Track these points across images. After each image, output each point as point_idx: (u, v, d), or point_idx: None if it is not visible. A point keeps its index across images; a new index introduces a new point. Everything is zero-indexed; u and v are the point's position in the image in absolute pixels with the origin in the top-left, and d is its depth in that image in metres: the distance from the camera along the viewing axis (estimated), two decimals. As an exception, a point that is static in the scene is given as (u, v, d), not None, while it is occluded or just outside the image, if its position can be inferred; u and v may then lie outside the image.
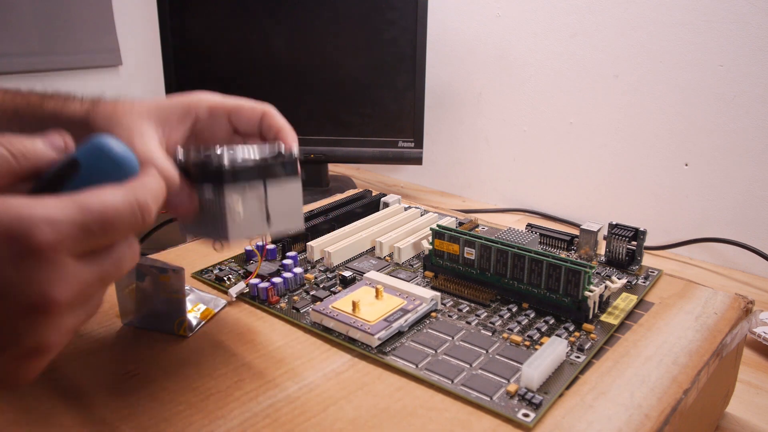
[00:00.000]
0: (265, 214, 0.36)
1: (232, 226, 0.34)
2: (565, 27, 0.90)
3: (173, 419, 0.32)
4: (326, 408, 0.34)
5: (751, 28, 0.73)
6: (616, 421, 0.32)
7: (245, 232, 0.35)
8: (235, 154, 0.34)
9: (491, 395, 0.34)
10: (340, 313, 0.41)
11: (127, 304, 0.41)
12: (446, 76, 1.07)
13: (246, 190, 0.35)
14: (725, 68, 0.76)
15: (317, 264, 0.51)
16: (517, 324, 0.42)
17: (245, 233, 0.35)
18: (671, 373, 0.37)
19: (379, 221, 0.58)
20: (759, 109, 0.75)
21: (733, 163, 0.78)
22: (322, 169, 1.04)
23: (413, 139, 0.97)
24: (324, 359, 0.38)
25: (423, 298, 0.43)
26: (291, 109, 0.98)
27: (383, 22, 0.94)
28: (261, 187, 0.35)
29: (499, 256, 0.46)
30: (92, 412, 0.33)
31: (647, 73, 0.83)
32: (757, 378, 0.54)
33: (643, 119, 0.85)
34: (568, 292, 0.42)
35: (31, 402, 0.34)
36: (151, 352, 0.39)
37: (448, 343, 0.39)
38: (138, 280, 0.40)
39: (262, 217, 0.36)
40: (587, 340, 0.40)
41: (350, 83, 0.97)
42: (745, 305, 0.45)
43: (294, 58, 0.97)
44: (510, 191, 1.04)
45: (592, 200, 0.94)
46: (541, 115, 0.97)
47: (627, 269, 0.51)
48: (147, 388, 0.35)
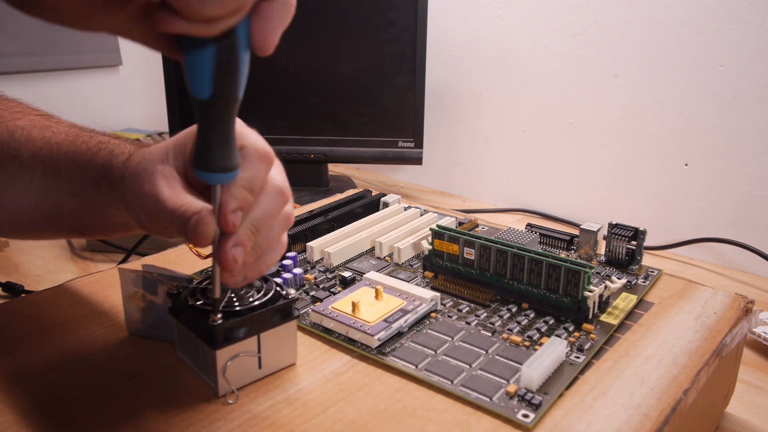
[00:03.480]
0: (257, 363, 0.35)
1: (222, 383, 0.34)
2: (565, 27, 0.90)
3: (173, 420, 0.32)
4: (326, 409, 0.34)
5: (751, 28, 0.73)
6: (615, 421, 0.32)
7: (235, 384, 0.34)
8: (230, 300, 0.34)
9: (491, 396, 0.34)
10: (339, 313, 0.41)
11: (133, 314, 0.41)
12: (446, 76, 1.07)
13: (239, 348, 0.34)
14: (725, 68, 0.76)
15: (317, 264, 0.51)
16: (516, 324, 0.42)
17: (235, 384, 0.34)
18: (671, 373, 0.37)
19: (379, 221, 0.58)
20: (759, 109, 0.74)
21: (733, 163, 0.78)
22: (322, 169, 1.04)
23: (413, 139, 0.97)
24: (324, 360, 0.38)
25: (423, 299, 0.43)
26: (291, 109, 0.99)
27: (383, 22, 0.94)
28: (255, 341, 0.35)
29: (499, 257, 0.46)
30: (92, 413, 0.33)
31: (647, 73, 0.83)
32: (757, 378, 0.54)
33: (643, 119, 0.85)
34: (567, 292, 0.42)
35: (31, 403, 0.34)
36: (152, 354, 0.39)
37: (448, 344, 0.39)
38: (144, 288, 0.39)
39: (254, 365, 0.35)
40: (587, 340, 0.40)
41: (350, 83, 0.97)
42: (745, 305, 0.45)
43: (294, 57, 0.97)
44: (510, 191, 1.04)
45: (592, 200, 0.94)
46: (541, 115, 0.97)
47: (627, 269, 0.51)
48: (147, 389, 0.35)
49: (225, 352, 0.33)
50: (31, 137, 0.42)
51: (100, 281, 0.48)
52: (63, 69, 1.17)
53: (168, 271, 0.39)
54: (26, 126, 0.43)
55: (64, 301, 0.45)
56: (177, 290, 0.36)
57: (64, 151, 0.41)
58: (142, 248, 0.72)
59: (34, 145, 0.41)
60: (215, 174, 0.30)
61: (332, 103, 0.98)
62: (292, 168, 1.02)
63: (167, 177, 0.34)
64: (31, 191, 0.42)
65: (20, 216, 0.43)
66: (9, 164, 0.42)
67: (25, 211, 0.43)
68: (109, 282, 0.48)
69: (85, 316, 0.43)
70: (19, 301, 0.47)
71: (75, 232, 0.45)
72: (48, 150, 0.41)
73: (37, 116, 0.45)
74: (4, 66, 1.08)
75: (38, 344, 0.39)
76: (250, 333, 0.34)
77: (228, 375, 0.34)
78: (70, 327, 0.41)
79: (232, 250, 0.31)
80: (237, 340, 0.34)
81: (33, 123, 0.43)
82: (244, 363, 0.35)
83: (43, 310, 0.44)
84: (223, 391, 0.34)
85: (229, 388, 0.34)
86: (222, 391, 0.34)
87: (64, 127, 0.43)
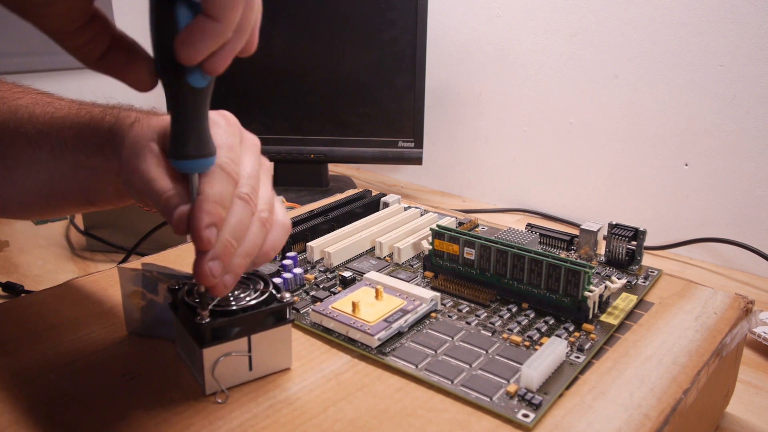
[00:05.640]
0: (247, 365, 0.35)
1: (209, 381, 0.34)
2: (565, 27, 0.90)
3: (173, 420, 0.32)
4: (326, 409, 0.34)
5: (751, 28, 0.73)
6: (615, 421, 0.32)
7: (224, 384, 0.34)
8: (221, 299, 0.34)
9: (491, 396, 0.34)
10: (339, 313, 0.41)
11: (133, 313, 0.40)
12: (446, 76, 1.07)
13: (228, 348, 0.34)
14: (725, 68, 0.76)
15: (317, 264, 0.51)
16: (516, 324, 0.42)
17: (224, 384, 0.34)
18: (671, 373, 0.37)
19: (379, 221, 0.58)
20: (759, 109, 0.75)
21: (733, 163, 0.78)
22: (322, 169, 1.04)
23: (413, 139, 0.97)
24: (324, 360, 0.38)
25: (423, 299, 0.43)
26: (291, 109, 0.99)
27: (383, 22, 0.94)
28: (245, 341, 0.35)
29: (499, 257, 0.46)
30: (92, 413, 0.33)
31: (647, 73, 0.83)
32: (757, 378, 0.54)
33: (643, 119, 0.85)
34: (567, 292, 0.42)
35: (31, 403, 0.34)
36: (152, 353, 0.39)
37: (448, 344, 0.39)
38: (144, 287, 0.39)
39: (245, 367, 0.35)
40: (587, 340, 0.40)
41: (350, 83, 0.97)
42: (745, 305, 0.45)
43: (294, 57, 0.97)
44: (510, 191, 1.04)
45: (592, 200, 0.94)
46: (541, 115, 0.97)
47: (627, 269, 0.51)
48: (147, 389, 0.35)
49: (212, 351, 0.33)
50: (35, 114, 0.42)
51: (100, 281, 0.48)
52: (63, 69, 1.17)
53: (168, 269, 0.39)
54: (29, 104, 0.43)
55: (64, 301, 0.45)
56: (178, 286, 0.36)
57: (68, 124, 0.41)
58: (142, 248, 0.72)
59: (38, 121, 0.41)
60: (198, 160, 0.31)
61: (332, 103, 0.98)
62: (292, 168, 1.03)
63: (157, 156, 0.34)
64: (40, 168, 0.41)
65: (30, 195, 0.43)
66: (15, 143, 0.42)
67: (34, 189, 0.43)
68: (109, 282, 0.48)
69: (85, 316, 0.43)
70: (19, 301, 0.47)
71: (85, 204, 0.44)
72: (52, 124, 0.41)
73: (38, 94, 0.45)
74: (4, 66, 1.08)
75: (38, 344, 0.39)
76: (240, 334, 0.34)
77: (216, 374, 0.34)
78: (70, 327, 0.41)
79: (209, 264, 0.30)
80: (225, 340, 0.34)
81: (35, 101, 0.43)
82: (233, 363, 0.35)
83: (43, 310, 0.44)
84: (211, 390, 0.34)
85: (217, 387, 0.34)
86: (209, 390, 0.34)
87: (66, 102, 0.43)
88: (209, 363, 0.33)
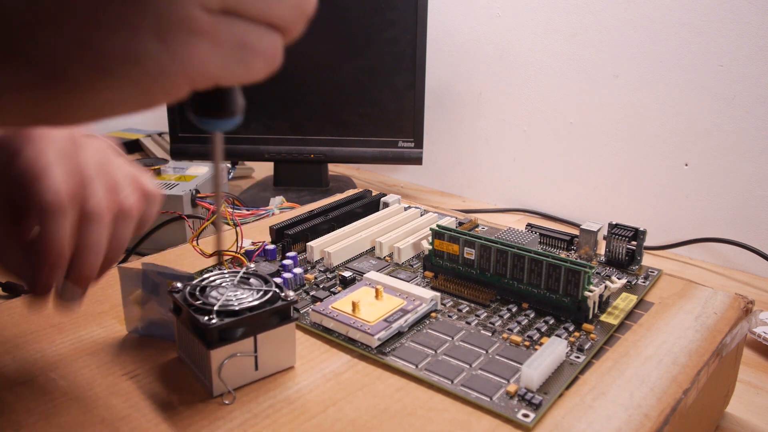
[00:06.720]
0: (253, 365, 0.35)
1: (216, 382, 0.34)
2: (565, 27, 0.90)
3: (173, 420, 0.32)
4: (326, 409, 0.34)
5: (751, 28, 0.73)
6: (615, 421, 0.32)
7: (230, 384, 0.34)
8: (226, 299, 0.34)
9: (491, 396, 0.34)
10: (339, 313, 0.41)
11: (133, 312, 0.40)
12: (446, 76, 1.07)
13: (235, 348, 0.34)
14: (725, 68, 0.76)
15: (317, 264, 0.51)
16: (516, 324, 0.42)
17: (231, 385, 0.34)
18: (671, 373, 0.37)
19: (379, 221, 0.58)
20: (759, 109, 0.75)
21: (733, 163, 0.78)
22: (322, 169, 1.04)
23: (413, 139, 0.97)
24: (324, 360, 0.38)
25: (423, 299, 0.43)
26: (291, 109, 0.99)
27: (383, 22, 0.94)
28: (251, 341, 0.35)
29: (499, 257, 0.46)
30: (92, 413, 0.33)
31: (647, 73, 0.83)
32: (757, 378, 0.54)
33: (643, 119, 0.85)
34: (567, 292, 0.42)
35: (31, 402, 0.34)
36: (152, 353, 0.39)
37: (448, 344, 0.39)
38: (144, 287, 0.39)
39: (251, 367, 0.35)
40: (587, 340, 0.40)
41: (350, 83, 0.97)
42: (745, 305, 0.46)
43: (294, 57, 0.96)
44: (510, 191, 1.04)
45: (592, 200, 0.94)
46: (541, 115, 0.97)
47: (627, 269, 0.51)
48: (147, 388, 0.35)
49: (219, 352, 0.33)
50: None
51: (100, 281, 0.48)
52: None
53: (168, 269, 0.39)
54: None
55: (64, 300, 0.45)
56: (178, 289, 0.36)
57: None
58: (142, 248, 0.72)
59: None
60: (231, 119, 0.30)
61: (332, 103, 0.98)
62: (292, 168, 1.03)
63: None
64: None
65: None
66: None
67: None
68: (109, 281, 0.48)
69: (85, 316, 0.43)
70: (19, 301, 0.47)
71: None
72: None
73: None
74: None
75: (38, 344, 0.39)
76: (246, 334, 0.34)
77: (223, 375, 0.34)
78: (70, 327, 0.41)
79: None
80: (232, 341, 0.34)
81: None
82: (240, 364, 0.35)
83: (43, 310, 0.43)
84: (218, 391, 0.34)
85: (224, 389, 0.34)
86: (217, 391, 0.34)
87: None
88: (216, 364, 0.33)
